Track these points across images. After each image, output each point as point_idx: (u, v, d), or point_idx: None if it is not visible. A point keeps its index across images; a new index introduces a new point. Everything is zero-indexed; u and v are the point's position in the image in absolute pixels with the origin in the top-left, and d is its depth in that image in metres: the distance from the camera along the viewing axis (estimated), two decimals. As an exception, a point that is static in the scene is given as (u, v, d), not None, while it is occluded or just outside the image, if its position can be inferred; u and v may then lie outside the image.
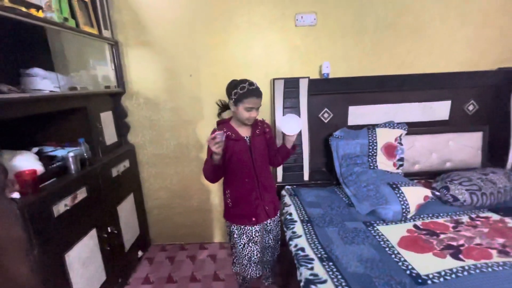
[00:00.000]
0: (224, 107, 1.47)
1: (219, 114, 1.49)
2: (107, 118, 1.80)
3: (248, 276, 1.48)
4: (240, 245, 1.45)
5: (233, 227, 1.47)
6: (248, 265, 1.46)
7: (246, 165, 1.38)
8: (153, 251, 2.23)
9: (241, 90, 1.27)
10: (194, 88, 2.00)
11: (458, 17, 1.92)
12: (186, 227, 2.27)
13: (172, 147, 2.10)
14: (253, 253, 1.45)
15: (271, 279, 1.75)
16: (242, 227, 1.44)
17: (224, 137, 1.19)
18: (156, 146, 2.10)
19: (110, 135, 1.82)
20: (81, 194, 1.37)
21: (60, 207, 1.21)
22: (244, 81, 1.30)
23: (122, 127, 1.98)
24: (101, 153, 1.67)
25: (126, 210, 1.87)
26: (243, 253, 1.45)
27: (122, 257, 1.78)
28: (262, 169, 1.43)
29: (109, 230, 1.62)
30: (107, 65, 1.81)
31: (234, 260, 1.59)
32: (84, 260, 1.37)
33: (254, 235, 1.43)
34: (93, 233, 1.46)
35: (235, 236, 1.47)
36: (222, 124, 1.43)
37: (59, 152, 1.43)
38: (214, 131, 1.32)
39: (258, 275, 1.48)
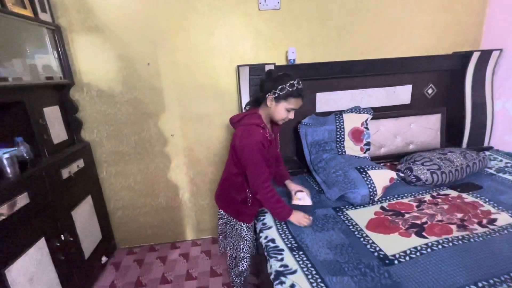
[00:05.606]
0: (255, 101, 1.30)
1: (245, 108, 1.37)
2: (52, 114, 1.59)
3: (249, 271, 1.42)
4: (253, 240, 1.39)
5: (243, 224, 1.35)
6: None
7: (272, 163, 1.35)
8: (119, 256, 2.08)
9: (290, 88, 1.14)
10: (153, 78, 1.84)
11: (416, 2, 1.96)
12: (154, 227, 2.15)
13: (133, 143, 1.94)
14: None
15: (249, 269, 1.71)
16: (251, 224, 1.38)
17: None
18: (115, 142, 1.93)
19: (58, 133, 1.63)
20: (22, 200, 1.19)
21: (-7, 217, 1.05)
22: (291, 76, 1.17)
23: (72, 123, 1.78)
24: (47, 153, 1.48)
25: (83, 214, 1.70)
26: (251, 246, 1.39)
27: (81, 265, 1.63)
28: None
29: (63, 238, 1.46)
30: (49, 53, 1.59)
31: (243, 263, 1.38)
32: (32, 274, 1.21)
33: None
34: (41, 243, 1.30)
35: (243, 234, 1.35)
36: (258, 119, 1.21)
37: (-9, 154, 1.23)
38: (257, 128, 1.18)
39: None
